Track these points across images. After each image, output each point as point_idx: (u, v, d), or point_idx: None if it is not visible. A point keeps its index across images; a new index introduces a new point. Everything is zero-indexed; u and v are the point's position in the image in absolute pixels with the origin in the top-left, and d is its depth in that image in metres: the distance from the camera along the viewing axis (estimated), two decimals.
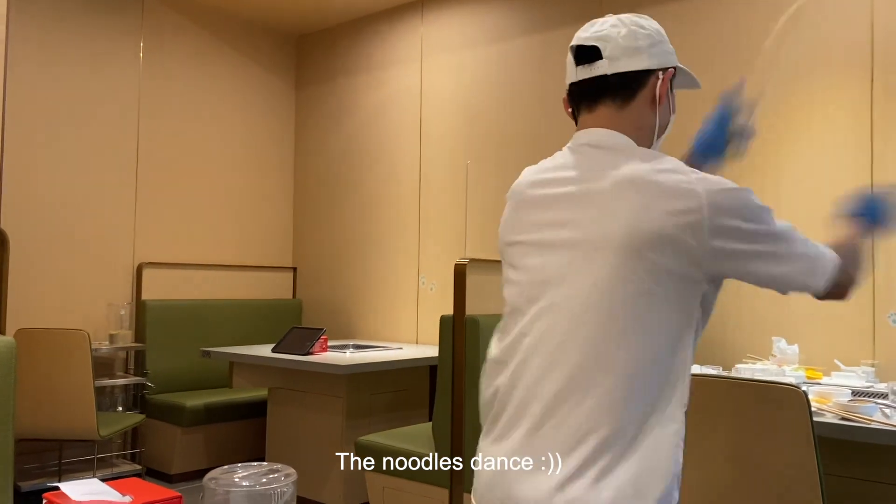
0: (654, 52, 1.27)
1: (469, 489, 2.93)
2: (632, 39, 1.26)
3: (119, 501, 1.06)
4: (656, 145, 1.33)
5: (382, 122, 5.03)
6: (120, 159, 4.65)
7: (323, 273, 5.35)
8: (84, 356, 3.59)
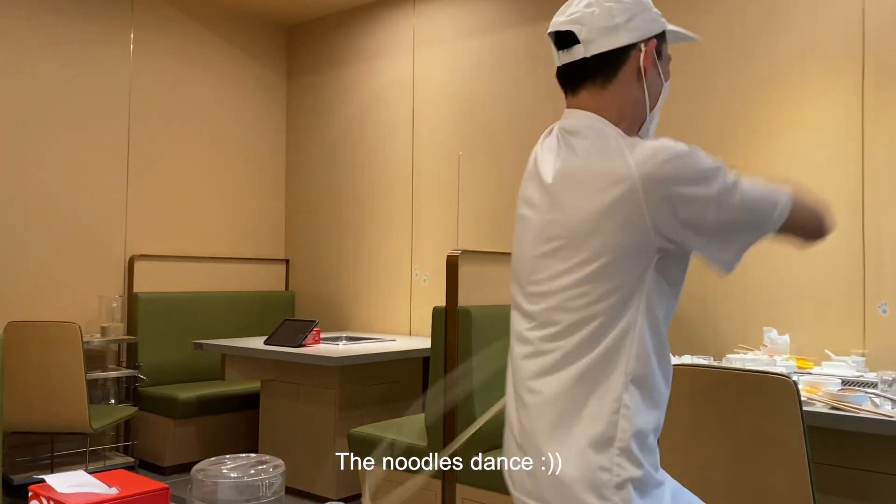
0: (632, 25, 1.24)
1: (462, 479, 2.94)
2: (607, 18, 1.23)
3: (105, 493, 1.06)
4: (652, 115, 1.31)
5: (375, 113, 5.01)
6: (110, 152, 4.63)
7: (315, 265, 5.35)
8: (75, 349, 3.57)
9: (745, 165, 3.36)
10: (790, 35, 3.25)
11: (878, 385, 2.27)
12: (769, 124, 3.33)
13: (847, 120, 3.11)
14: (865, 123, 3.07)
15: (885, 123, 3.01)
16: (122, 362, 4.59)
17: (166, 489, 1.10)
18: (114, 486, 1.09)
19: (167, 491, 1.10)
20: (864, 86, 3.07)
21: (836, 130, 3.14)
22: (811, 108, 3.22)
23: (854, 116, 3.09)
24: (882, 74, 3.03)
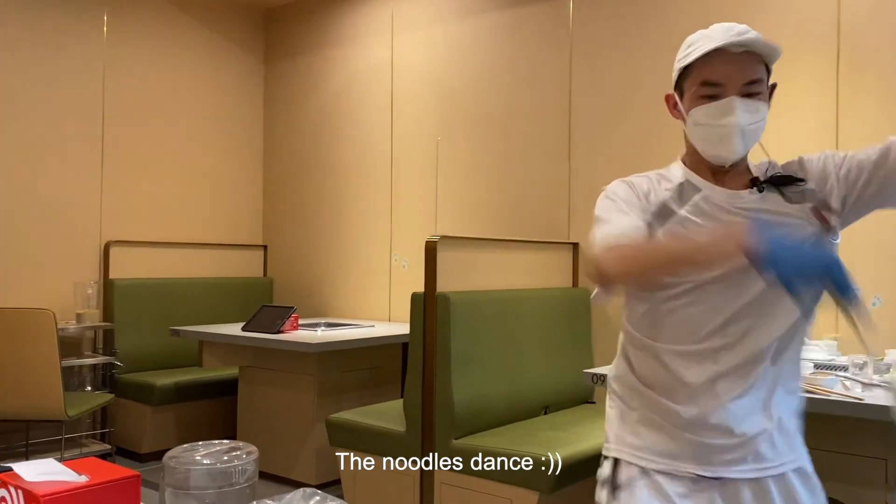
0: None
1: (440, 464, 2.95)
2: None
3: (75, 481, 1.04)
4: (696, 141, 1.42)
5: (353, 97, 4.97)
6: (85, 136, 4.55)
7: (294, 251, 5.32)
8: (50, 336, 3.53)
9: None
10: (765, 19, 3.27)
11: (850, 369, 2.30)
12: None
13: (822, 105, 3.14)
14: (840, 108, 3.09)
15: (860, 108, 3.04)
16: (98, 349, 4.55)
17: (137, 477, 1.09)
18: (84, 474, 1.07)
19: (138, 479, 1.09)
20: (839, 71, 3.10)
21: (811, 115, 3.16)
22: (786, 93, 3.23)
23: (829, 101, 3.12)
24: (857, 59, 3.06)
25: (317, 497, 0.97)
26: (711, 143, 1.35)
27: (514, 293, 3.38)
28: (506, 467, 2.76)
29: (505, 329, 3.25)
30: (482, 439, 2.93)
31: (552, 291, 3.63)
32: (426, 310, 3.03)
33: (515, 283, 3.48)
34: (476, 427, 3.05)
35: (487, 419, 3.11)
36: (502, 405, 3.19)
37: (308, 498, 0.97)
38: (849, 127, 3.07)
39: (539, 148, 4.05)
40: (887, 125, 2.98)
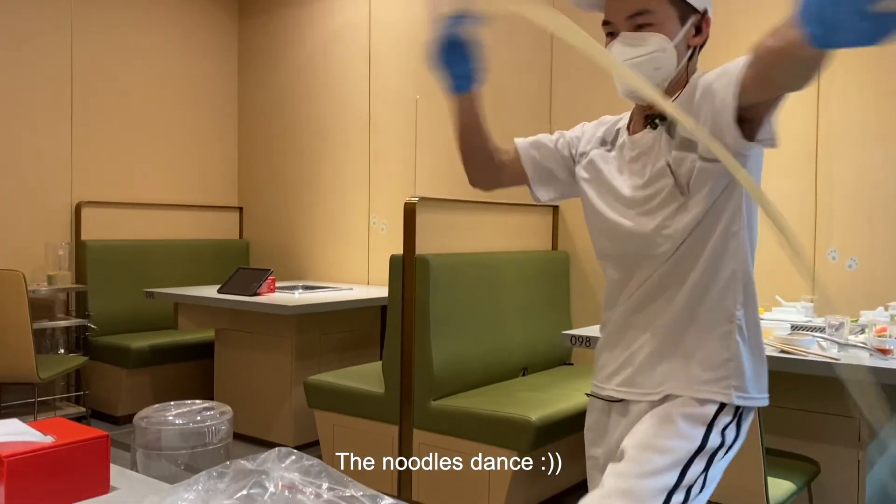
0: None
1: (419, 425, 2.95)
2: None
3: (39, 442, 1.01)
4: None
5: (330, 55, 4.86)
6: (52, 96, 4.41)
7: (270, 213, 5.24)
8: (20, 297, 3.46)
9: None
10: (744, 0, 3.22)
11: (826, 329, 2.32)
12: None
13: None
14: (821, 74, 3.07)
15: (840, 74, 3.02)
16: (70, 312, 4.47)
17: (106, 437, 1.06)
18: (50, 435, 1.04)
19: (107, 439, 1.06)
20: None
21: (792, 96, 3.14)
22: None
23: None
24: None
25: (292, 456, 0.94)
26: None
27: (494, 256, 3.36)
28: (484, 428, 2.77)
29: (484, 291, 3.23)
30: (461, 400, 2.93)
31: (532, 254, 3.62)
32: (405, 272, 3.00)
33: (495, 246, 3.46)
34: (455, 388, 3.05)
35: (466, 380, 3.11)
36: (481, 367, 3.19)
37: (284, 457, 0.94)
38: (829, 90, 3.05)
39: (520, 108, 4.00)
40: (868, 87, 2.96)
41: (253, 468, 0.93)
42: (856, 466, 2.26)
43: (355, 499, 0.91)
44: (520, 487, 2.82)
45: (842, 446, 2.27)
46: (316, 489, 0.90)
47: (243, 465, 0.93)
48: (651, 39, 1.27)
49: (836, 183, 3.03)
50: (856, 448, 2.26)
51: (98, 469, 1.04)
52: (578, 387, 3.18)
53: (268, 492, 0.90)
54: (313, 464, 0.94)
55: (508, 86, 4.03)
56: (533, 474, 2.88)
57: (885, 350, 2.06)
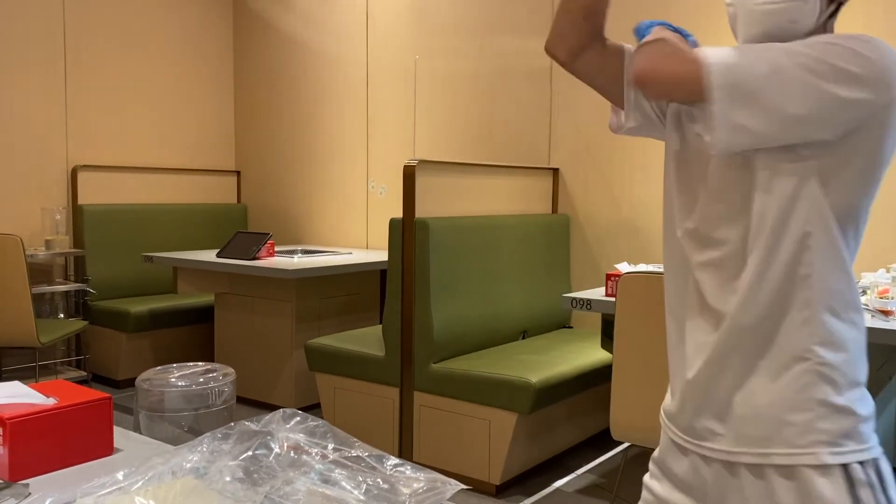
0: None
1: (419, 387, 2.97)
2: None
3: (42, 403, 1.00)
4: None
5: (327, 15, 4.78)
6: (46, 56, 4.34)
7: (268, 177, 5.20)
8: (18, 261, 3.44)
9: None
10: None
11: None
12: None
13: None
14: None
15: None
16: (69, 276, 4.46)
17: (108, 399, 1.05)
18: (52, 397, 1.03)
19: (110, 401, 1.05)
20: None
21: None
22: None
23: None
24: None
25: (297, 417, 0.94)
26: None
27: (494, 219, 3.34)
28: (484, 390, 2.78)
29: (484, 255, 3.22)
30: (461, 363, 2.94)
31: (532, 217, 3.60)
32: (405, 235, 2.98)
33: (495, 209, 3.44)
34: (455, 351, 3.06)
35: (466, 344, 3.11)
36: (481, 330, 3.20)
37: (288, 419, 0.94)
38: None
39: (520, 69, 3.94)
40: None
41: (258, 429, 0.93)
42: None
43: (361, 459, 0.91)
44: (519, 448, 2.84)
45: None
46: (321, 450, 0.90)
47: (248, 427, 0.93)
48: None
49: None
50: None
51: (101, 431, 1.04)
52: (578, 349, 3.19)
53: (273, 452, 0.90)
54: (318, 424, 0.94)
55: (510, 44, 3.96)
56: (533, 435, 2.91)
57: (887, 312, 2.06)
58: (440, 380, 2.91)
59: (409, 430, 3.01)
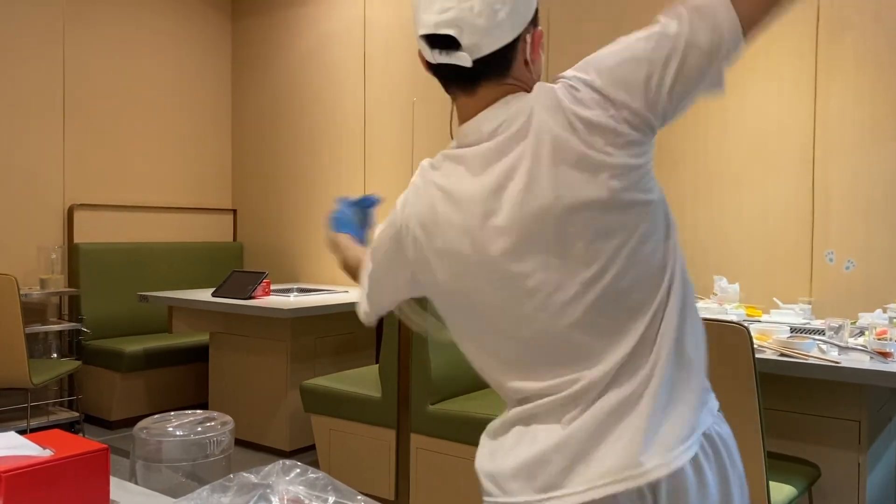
0: (515, 18, 1.07)
1: (416, 429, 2.94)
2: (490, 17, 1.05)
3: (38, 456, 0.99)
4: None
5: (325, 57, 4.84)
6: (44, 96, 4.38)
7: (264, 215, 5.21)
8: (12, 301, 3.42)
9: (697, 118, 3.35)
10: None
11: (826, 332, 2.31)
12: None
13: (800, 70, 3.11)
14: (819, 74, 3.07)
15: (838, 75, 3.02)
16: (63, 315, 4.43)
17: (106, 450, 1.04)
18: (48, 448, 1.02)
19: (107, 452, 1.04)
20: (818, 36, 3.07)
21: (789, 81, 3.14)
22: (765, 59, 3.21)
23: (807, 67, 3.09)
24: (836, 25, 3.03)
25: (297, 469, 0.93)
26: None
27: None
28: (482, 432, 2.75)
29: None
30: (458, 404, 2.92)
31: None
32: None
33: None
34: (452, 392, 3.04)
35: (464, 384, 3.09)
36: None
37: (288, 470, 0.92)
38: (827, 91, 3.05)
39: None
40: (865, 89, 2.97)
41: (257, 482, 0.91)
42: (856, 470, 2.26)
43: None
44: None
45: (842, 450, 2.27)
46: (322, 503, 0.88)
47: (247, 479, 0.92)
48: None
49: (834, 184, 3.04)
50: (856, 451, 2.26)
51: (98, 483, 1.02)
52: None
53: None
54: (318, 477, 0.93)
55: None
56: None
57: (885, 353, 2.06)
58: (438, 422, 2.88)
59: (406, 473, 2.98)
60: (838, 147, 3.02)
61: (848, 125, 3.00)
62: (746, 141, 3.24)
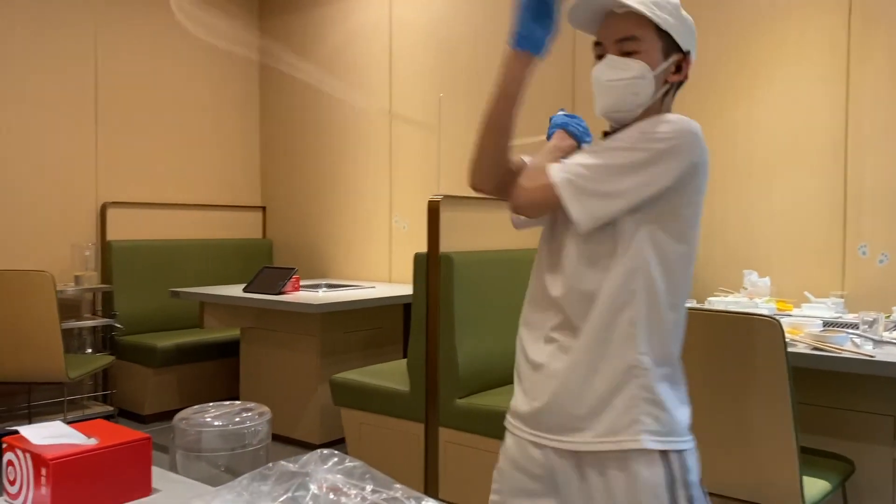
0: None
1: (444, 423, 2.95)
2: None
3: (84, 444, 1.02)
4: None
5: (351, 54, 4.87)
6: (77, 96, 4.46)
7: (293, 212, 5.26)
8: (49, 298, 3.50)
9: (727, 107, 3.32)
10: None
11: (860, 325, 2.29)
12: (753, 65, 3.28)
13: (832, 60, 3.07)
14: (851, 64, 3.03)
15: (871, 64, 2.98)
16: (97, 311, 4.52)
17: (148, 439, 1.06)
18: (93, 437, 1.05)
19: (149, 441, 1.06)
20: (850, 25, 3.02)
21: (821, 71, 3.10)
22: (795, 48, 3.17)
23: (840, 56, 3.05)
24: (869, 13, 2.98)
25: (335, 458, 0.94)
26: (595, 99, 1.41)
27: (518, 253, 3.35)
28: None
29: (508, 289, 3.22)
30: (486, 398, 2.92)
31: None
32: (429, 270, 2.99)
33: (519, 243, 3.44)
34: (480, 386, 3.05)
35: (491, 378, 3.10)
36: (506, 364, 3.17)
37: (326, 459, 0.94)
38: (860, 79, 3.01)
39: (541, 105, 3.97)
40: None
41: (296, 470, 0.93)
42: (891, 465, 2.23)
43: (398, 500, 0.91)
44: None
45: (877, 444, 2.24)
46: (360, 491, 0.90)
47: (286, 467, 0.93)
48: (633, 66, 1.32)
49: (867, 176, 2.99)
50: (891, 446, 2.23)
51: (140, 471, 1.05)
52: None
53: (311, 493, 0.91)
54: (356, 465, 0.94)
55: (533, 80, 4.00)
56: None
57: None
58: (465, 416, 2.89)
59: (435, 467, 2.99)
60: (871, 137, 2.98)
61: (881, 115, 2.95)
62: (776, 132, 3.21)
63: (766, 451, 1.87)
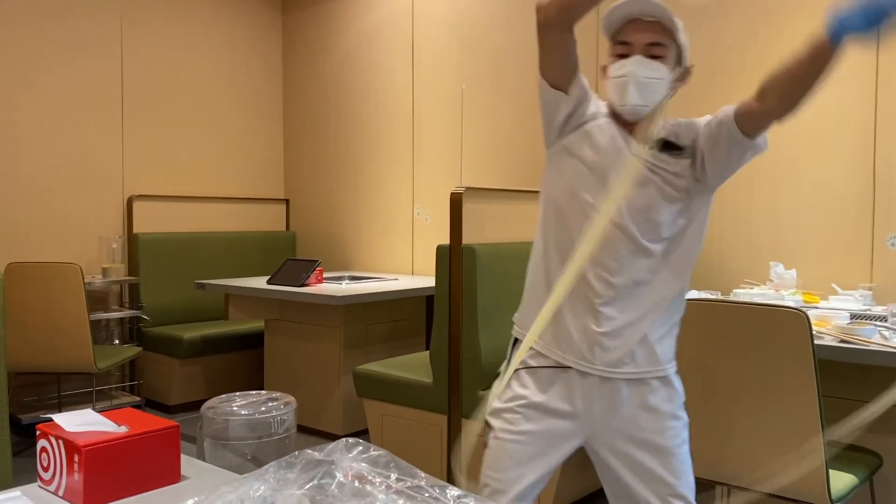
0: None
1: (467, 415, 2.96)
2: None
3: (114, 432, 1.04)
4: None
5: (373, 46, 4.88)
6: (104, 90, 4.52)
7: (316, 204, 5.29)
8: (77, 289, 3.56)
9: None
10: None
11: (888, 318, 2.25)
12: (779, 50, 3.23)
13: (861, 66, 3.02)
14: (880, 51, 2.97)
15: None
16: (124, 303, 4.59)
17: (176, 427, 1.08)
18: (123, 425, 1.07)
19: (177, 429, 1.08)
20: None
21: (850, 58, 3.05)
22: None
23: (868, 60, 3.00)
24: None
25: (360, 447, 0.95)
26: (615, 92, 1.60)
27: None
28: None
29: None
30: None
31: None
32: (452, 262, 3.00)
33: None
34: None
35: None
36: None
37: (351, 448, 0.95)
38: (890, 64, 2.95)
39: None
40: None
41: (321, 458, 0.94)
42: None
43: (423, 489, 0.91)
44: (569, 479, 2.81)
45: None
46: (385, 479, 0.91)
47: (312, 456, 0.95)
48: (661, 68, 1.55)
49: (894, 168, 2.94)
50: None
51: (170, 459, 1.07)
52: None
53: (337, 481, 0.92)
54: (381, 454, 0.95)
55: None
56: (582, 467, 2.87)
57: None
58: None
59: (458, 458, 3.00)
60: None
61: None
62: (803, 121, 3.16)
63: (793, 444, 1.85)
